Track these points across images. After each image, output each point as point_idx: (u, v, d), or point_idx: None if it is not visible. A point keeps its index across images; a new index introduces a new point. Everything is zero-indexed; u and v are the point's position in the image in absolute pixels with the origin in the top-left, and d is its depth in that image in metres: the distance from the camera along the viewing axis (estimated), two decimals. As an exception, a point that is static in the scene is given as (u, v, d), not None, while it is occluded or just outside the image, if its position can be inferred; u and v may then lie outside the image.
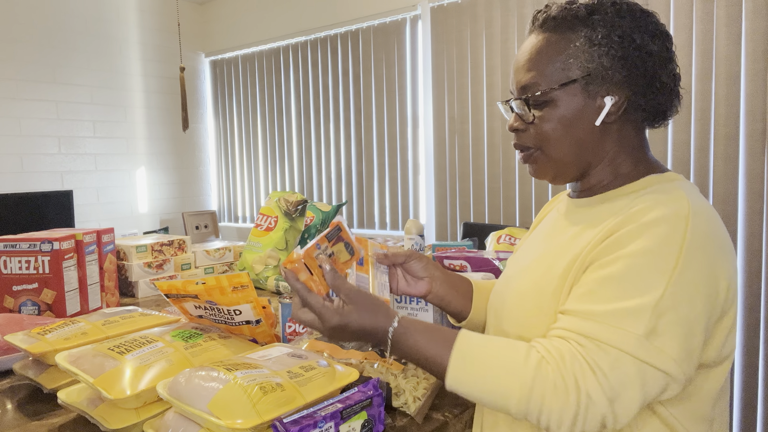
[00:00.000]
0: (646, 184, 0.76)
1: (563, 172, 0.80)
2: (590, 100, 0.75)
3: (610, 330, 0.63)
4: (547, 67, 0.76)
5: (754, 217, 2.41)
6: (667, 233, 0.65)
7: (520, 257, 0.88)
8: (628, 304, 0.63)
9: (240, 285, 0.87)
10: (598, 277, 0.67)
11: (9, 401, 0.89)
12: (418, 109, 3.53)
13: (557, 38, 0.76)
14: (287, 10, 4.10)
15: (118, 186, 4.08)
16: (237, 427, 0.61)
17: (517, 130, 0.81)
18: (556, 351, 0.65)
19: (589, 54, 0.74)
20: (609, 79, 0.73)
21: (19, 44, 3.50)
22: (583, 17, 0.75)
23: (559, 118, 0.76)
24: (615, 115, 0.75)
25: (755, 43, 2.36)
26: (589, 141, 0.77)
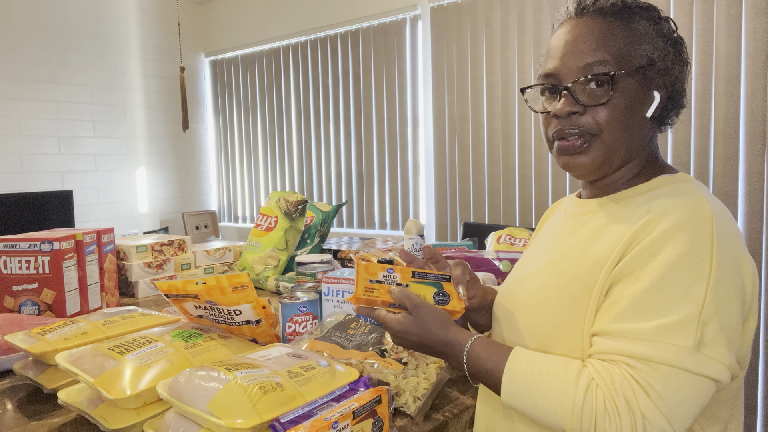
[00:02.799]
0: (658, 184, 0.75)
1: (610, 163, 0.76)
2: (646, 90, 0.74)
3: (659, 347, 0.62)
4: (618, 50, 0.73)
5: (754, 217, 2.41)
6: (696, 237, 0.65)
7: (530, 259, 0.87)
8: (673, 317, 0.62)
9: (240, 285, 0.87)
10: (635, 291, 0.65)
11: (9, 401, 0.89)
12: (418, 109, 3.53)
13: (620, 24, 0.74)
14: (287, 10, 4.10)
15: (118, 186, 4.08)
16: (237, 427, 0.61)
17: (572, 114, 0.75)
18: (606, 373, 0.64)
19: (656, 43, 0.74)
20: (668, 71, 0.74)
21: (19, 44, 3.50)
22: (642, 9, 0.75)
23: (624, 103, 0.73)
24: (658, 111, 0.76)
25: (755, 43, 2.36)
26: (640, 132, 0.76)
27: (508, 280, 0.90)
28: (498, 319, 0.87)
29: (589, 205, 0.81)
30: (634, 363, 0.63)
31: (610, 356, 0.65)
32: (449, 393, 0.91)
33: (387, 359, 0.87)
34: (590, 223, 0.78)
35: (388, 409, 0.73)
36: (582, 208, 0.82)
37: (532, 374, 0.67)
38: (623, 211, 0.74)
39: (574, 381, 0.64)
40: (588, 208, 0.81)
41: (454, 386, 0.93)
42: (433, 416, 0.83)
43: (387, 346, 0.91)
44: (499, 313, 0.87)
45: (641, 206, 0.72)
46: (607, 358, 0.65)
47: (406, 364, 0.87)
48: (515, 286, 0.85)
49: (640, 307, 0.64)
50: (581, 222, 0.80)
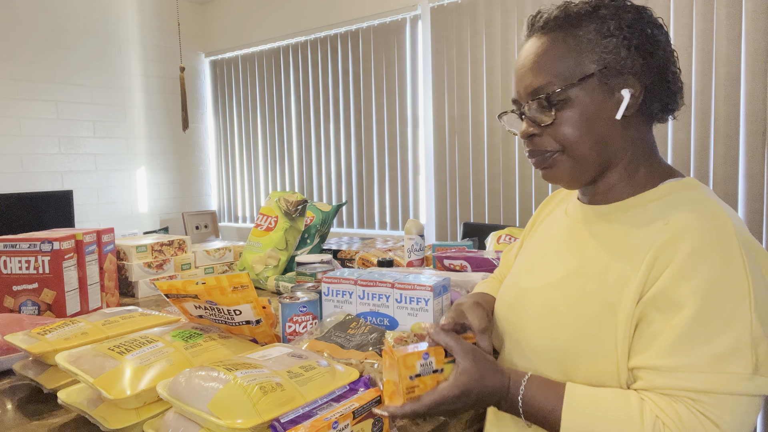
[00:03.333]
0: (668, 191, 0.73)
1: (583, 174, 0.76)
2: (608, 94, 0.73)
3: (719, 378, 0.61)
4: (559, 67, 0.73)
5: (754, 217, 2.41)
6: (727, 256, 0.63)
7: (535, 266, 0.83)
8: (725, 344, 0.61)
9: (240, 285, 0.87)
10: (680, 322, 0.63)
11: (9, 401, 0.89)
12: (418, 109, 3.53)
13: (563, 36, 0.74)
14: (287, 10, 4.10)
15: (118, 186, 4.08)
16: (237, 426, 0.61)
17: (532, 136, 0.77)
18: (672, 411, 0.62)
19: (604, 45, 0.72)
20: (627, 69, 0.72)
21: (19, 44, 3.50)
22: (588, 13, 0.73)
23: (579, 116, 0.73)
24: (634, 107, 0.73)
25: (755, 43, 2.36)
26: (611, 137, 0.74)
27: (510, 287, 0.87)
28: (506, 334, 0.84)
29: (597, 213, 0.78)
30: (698, 397, 0.62)
31: (667, 391, 0.64)
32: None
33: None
34: (603, 234, 0.75)
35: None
36: (588, 214, 0.79)
37: (593, 415, 0.65)
38: (636, 222, 0.72)
39: (638, 419, 0.63)
40: (596, 216, 0.78)
41: (454, 386, 0.93)
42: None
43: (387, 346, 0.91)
44: (507, 329, 0.84)
45: (656, 218, 0.70)
46: (668, 393, 0.64)
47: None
48: (522, 297, 0.82)
49: (688, 338, 0.63)
50: (591, 233, 0.77)
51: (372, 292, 1.05)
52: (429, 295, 0.99)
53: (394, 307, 1.03)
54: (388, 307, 1.04)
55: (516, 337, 0.81)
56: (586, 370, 0.71)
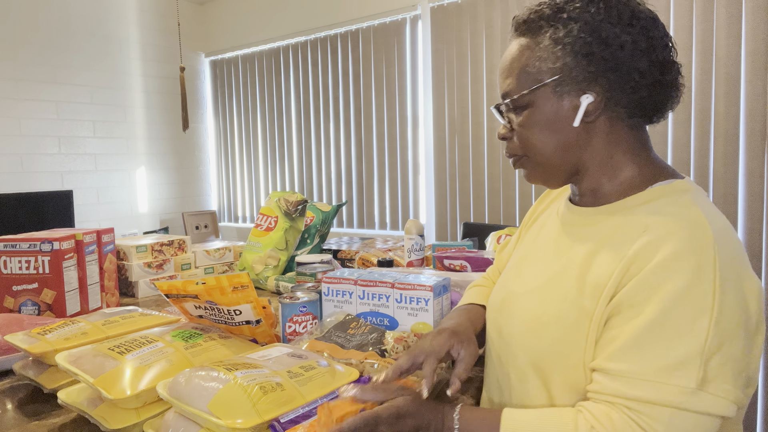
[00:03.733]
0: (655, 195, 0.71)
1: (553, 176, 0.78)
2: (564, 101, 0.72)
3: (659, 389, 0.60)
4: (520, 72, 0.74)
5: (754, 217, 2.41)
6: (698, 267, 0.62)
7: (523, 269, 0.83)
8: (674, 356, 0.60)
9: (240, 285, 0.87)
10: (635, 327, 0.63)
11: (9, 401, 0.89)
12: (418, 109, 3.53)
13: (528, 42, 0.74)
14: (287, 10, 4.10)
15: (118, 186, 4.08)
16: (237, 426, 0.61)
17: (504, 138, 0.80)
18: (606, 419, 0.62)
19: (554, 54, 0.71)
20: (577, 78, 0.71)
21: (19, 44, 3.50)
22: (549, 16, 0.73)
23: (536, 123, 0.74)
24: (594, 114, 0.72)
25: (755, 43, 2.36)
26: (573, 143, 0.74)
27: (499, 289, 0.87)
28: (492, 338, 0.84)
29: (584, 216, 0.77)
30: (634, 405, 0.61)
31: (608, 398, 0.63)
32: (449, 393, 0.91)
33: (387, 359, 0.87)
34: (586, 238, 0.74)
35: None
36: (576, 218, 0.79)
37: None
38: (619, 227, 0.71)
39: (572, 430, 0.63)
40: (583, 219, 0.77)
41: (454, 386, 0.93)
42: (433, 416, 0.83)
43: (387, 346, 0.91)
44: (493, 332, 0.84)
45: (638, 224, 0.68)
46: (607, 399, 0.63)
47: (406, 364, 0.87)
48: (509, 301, 0.82)
49: (639, 344, 0.62)
50: (576, 236, 0.76)
51: (372, 292, 1.05)
52: (429, 295, 0.99)
53: (394, 307, 1.03)
54: (388, 307, 1.04)
55: (503, 345, 0.81)
56: (562, 376, 0.70)
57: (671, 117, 2.63)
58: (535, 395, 0.74)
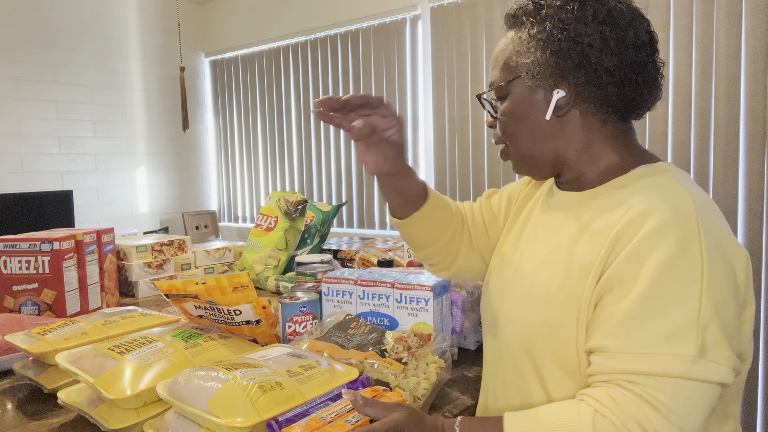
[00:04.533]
0: (636, 177, 0.73)
1: (534, 166, 0.81)
2: (537, 95, 0.76)
3: (660, 360, 0.60)
4: (504, 64, 0.79)
5: (754, 217, 2.41)
6: (683, 237, 0.62)
7: (515, 256, 0.84)
8: (670, 326, 0.60)
9: (240, 285, 0.87)
10: (628, 303, 0.63)
11: (9, 401, 0.89)
12: (418, 109, 3.53)
13: (512, 36, 0.79)
14: (287, 10, 4.10)
15: (118, 186, 4.08)
16: (237, 425, 0.61)
17: (491, 126, 0.84)
18: (608, 399, 0.61)
19: (527, 49, 0.75)
20: (546, 73, 0.74)
21: (19, 44, 3.51)
22: (530, 12, 0.76)
23: (513, 113, 0.78)
24: (566, 108, 0.75)
25: (755, 43, 2.36)
26: (547, 134, 0.77)
27: (496, 281, 0.87)
28: (487, 319, 0.86)
29: (570, 199, 0.79)
30: (635, 379, 0.61)
31: (608, 376, 0.63)
32: (449, 393, 0.91)
33: (387, 359, 0.87)
34: (572, 222, 0.76)
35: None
36: (562, 202, 0.80)
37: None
38: (603, 208, 0.72)
39: (576, 422, 0.62)
40: (569, 203, 0.79)
41: (454, 386, 0.93)
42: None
43: (387, 346, 0.91)
44: (488, 313, 0.86)
45: (621, 203, 0.70)
46: (607, 378, 0.63)
47: (406, 364, 0.87)
48: (501, 287, 0.83)
49: (633, 319, 0.62)
50: (563, 220, 0.78)
51: (372, 292, 1.05)
52: (429, 295, 0.99)
53: (394, 307, 1.03)
54: (388, 307, 1.04)
55: (494, 326, 0.83)
56: (553, 359, 0.71)
57: (671, 117, 2.63)
58: (530, 381, 0.75)
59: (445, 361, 0.90)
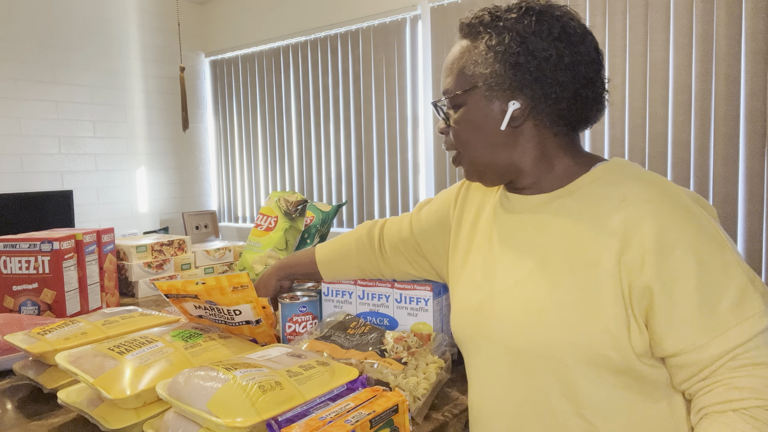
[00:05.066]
0: (604, 172, 0.76)
1: (486, 174, 0.81)
2: (493, 105, 0.76)
3: (746, 325, 0.64)
4: (458, 73, 0.79)
5: (754, 217, 2.41)
6: (691, 215, 0.68)
7: (492, 268, 0.81)
8: (735, 295, 0.65)
9: (240, 285, 0.87)
10: (686, 294, 0.66)
11: (9, 401, 0.89)
12: (418, 109, 3.53)
13: (468, 44, 0.78)
14: (287, 10, 4.10)
15: (118, 186, 4.08)
16: (237, 425, 0.61)
17: (443, 132, 0.84)
18: (737, 392, 0.64)
19: (485, 60, 0.75)
20: (503, 85, 0.74)
21: (19, 44, 3.51)
22: (487, 23, 0.76)
23: (467, 122, 0.78)
24: (520, 119, 0.76)
25: (755, 43, 2.36)
26: (501, 144, 0.78)
27: (472, 293, 0.83)
28: (473, 340, 0.82)
29: (535, 202, 0.79)
30: (738, 352, 0.64)
31: (714, 366, 0.65)
32: (449, 393, 0.91)
33: (387, 359, 0.87)
34: (555, 221, 0.75)
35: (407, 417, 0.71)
36: (530, 204, 0.79)
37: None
38: (586, 203, 0.73)
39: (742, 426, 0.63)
40: (539, 204, 0.78)
41: (454, 386, 0.93)
42: (433, 416, 0.83)
43: (387, 346, 0.91)
44: (476, 334, 0.81)
45: (607, 196, 0.72)
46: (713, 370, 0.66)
47: (406, 364, 0.87)
48: (490, 302, 0.79)
49: (705, 305, 0.65)
50: (542, 221, 0.77)
51: (372, 292, 1.05)
52: (429, 294, 0.99)
53: (394, 307, 1.03)
54: (387, 307, 1.04)
55: (487, 343, 0.79)
56: (575, 357, 0.70)
57: (671, 117, 2.63)
58: (548, 386, 0.73)
59: (444, 361, 0.90)
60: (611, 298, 0.69)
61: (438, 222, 0.97)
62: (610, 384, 0.70)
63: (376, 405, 0.68)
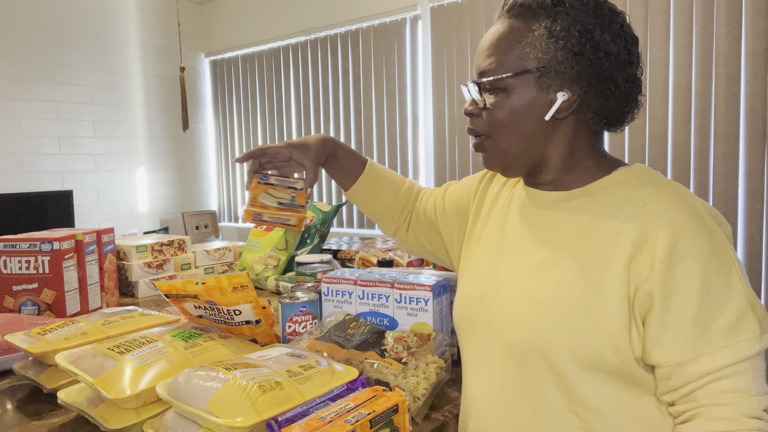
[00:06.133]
0: (625, 177, 0.75)
1: (512, 164, 0.79)
2: (542, 93, 0.73)
3: (738, 348, 0.64)
4: (505, 54, 0.74)
5: (754, 217, 2.41)
6: (707, 229, 0.67)
7: (499, 258, 0.81)
8: (732, 316, 0.65)
9: (240, 285, 0.87)
10: (685, 307, 0.65)
11: (9, 401, 0.89)
12: (418, 109, 3.53)
13: (520, 26, 0.74)
14: (287, 10, 4.10)
15: (118, 186, 4.08)
16: (237, 425, 0.61)
17: (471, 115, 0.79)
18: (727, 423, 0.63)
19: (546, 45, 0.72)
20: (562, 74, 0.71)
21: (19, 44, 3.51)
22: (548, 7, 0.73)
23: (510, 107, 0.75)
24: (566, 112, 0.73)
25: (755, 43, 2.36)
26: (539, 135, 0.75)
27: (477, 281, 0.84)
28: (473, 329, 0.82)
29: (558, 198, 0.78)
30: (720, 375, 0.64)
31: (698, 382, 0.65)
32: (449, 393, 0.91)
33: (387, 359, 0.87)
34: (571, 219, 0.75)
35: (407, 417, 0.71)
36: (549, 199, 0.79)
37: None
38: (605, 205, 0.73)
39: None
40: (557, 200, 0.78)
41: (454, 386, 0.93)
42: (433, 416, 0.83)
43: (387, 346, 0.91)
44: (476, 324, 0.81)
45: (626, 201, 0.71)
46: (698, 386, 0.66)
47: (405, 364, 0.87)
48: (493, 291, 0.80)
49: (701, 321, 0.65)
50: (558, 217, 0.76)
51: (372, 292, 1.05)
52: (429, 295, 0.99)
53: (394, 307, 1.03)
54: (387, 307, 1.04)
55: (486, 333, 0.79)
56: (572, 358, 0.70)
57: (671, 117, 2.63)
58: (544, 382, 0.73)
59: (444, 361, 0.90)
60: (617, 300, 0.68)
61: (458, 209, 0.97)
62: (604, 383, 0.70)
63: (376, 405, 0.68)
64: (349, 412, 0.67)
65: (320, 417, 0.64)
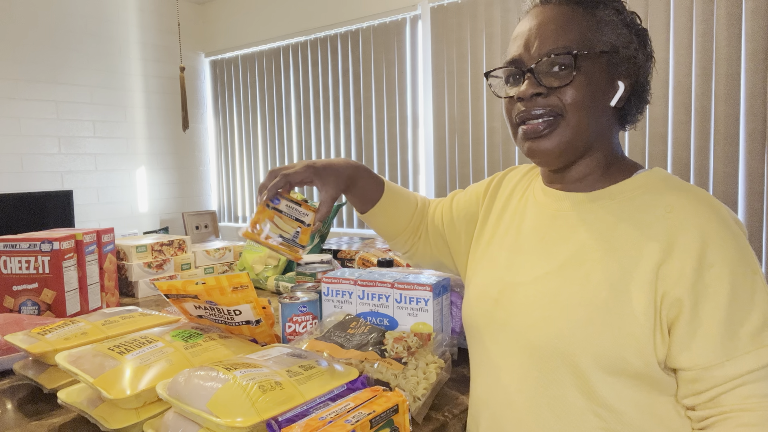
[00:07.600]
0: (647, 180, 0.74)
1: (571, 148, 0.75)
2: (610, 78, 0.74)
3: (761, 353, 0.65)
4: (579, 35, 0.72)
5: (754, 217, 2.42)
6: (733, 235, 0.67)
7: (516, 259, 0.81)
8: (758, 320, 0.65)
9: (240, 285, 0.87)
10: (713, 312, 0.66)
11: (9, 401, 0.89)
12: (418, 109, 3.53)
13: (583, 12, 0.74)
14: (287, 10, 4.10)
15: (118, 186, 4.08)
16: (237, 425, 0.61)
17: (536, 95, 0.74)
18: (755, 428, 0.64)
19: (621, 31, 0.73)
20: (632, 60, 0.73)
21: (19, 44, 3.51)
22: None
23: (587, 86, 0.72)
24: (623, 101, 0.75)
25: (755, 43, 2.36)
26: (601, 120, 0.75)
27: (492, 282, 0.83)
28: (487, 330, 0.81)
29: (579, 199, 0.77)
30: (750, 378, 0.65)
31: (724, 387, 0.66)
32: (449, 393, 0.91)
33: (387, 359, 0.87)
34: (594, 221, 0.74)
35: (407, 417, 0.71)
36: (571, 201, 0.78)
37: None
38: (630, 208, 0.72)
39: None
40: (579, 202, 0.77)
41: (454, 386, 0.93)
42: (433, 416, 0.83)
43: (387, 346, 0.91)
44: (491, 325, 0.81)
45: (652, 205, 0.71)
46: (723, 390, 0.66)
47: (406, 364, 0.87)
48: (511, 292, 0.79)
49: (730, 325, 0.66)
50: (580, 219, 0.76)
51: (372, 292, 1.05)
52: (429, 295, 0.99)
53: (394, 307, 1.03)
54: (387, 307, 1.04)
55: (502, 334, 0.78)
56: (594, 357, 0.69)
57: (671, 117, 2.63)
58: (565, 384, 0.72)
59: (444, 361, 0.90)
60: (643, 304, 0.68)
61: (465, 215, 0.97)
62: (625, 385, 0.70)
63: (376, 405, 0.68)
64: (350, 412, 0.67)
65: (320, 417, 0.64)
